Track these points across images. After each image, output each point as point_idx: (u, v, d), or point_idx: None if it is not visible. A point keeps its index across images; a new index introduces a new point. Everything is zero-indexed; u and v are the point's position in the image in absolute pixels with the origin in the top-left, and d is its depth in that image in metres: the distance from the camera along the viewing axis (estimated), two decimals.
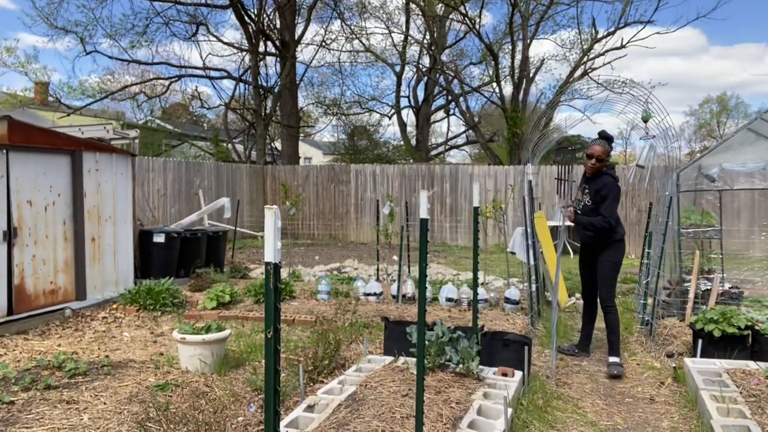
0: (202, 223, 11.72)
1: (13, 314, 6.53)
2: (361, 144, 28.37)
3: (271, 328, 1.95)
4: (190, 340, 5.05)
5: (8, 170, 6.54)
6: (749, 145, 6.86)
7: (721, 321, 5.32)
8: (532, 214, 7.24)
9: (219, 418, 3.75)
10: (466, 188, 16.26)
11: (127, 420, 4.02)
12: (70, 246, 7.40)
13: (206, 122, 33.19)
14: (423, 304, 3.14)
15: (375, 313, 7.08)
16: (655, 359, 5.74)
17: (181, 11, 20.98)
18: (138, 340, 6.20)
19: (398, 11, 26.10)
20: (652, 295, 6.58)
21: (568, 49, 23.34)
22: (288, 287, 8.14)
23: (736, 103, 47.87)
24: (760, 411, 4.01)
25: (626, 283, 10.04)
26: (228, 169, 16.53)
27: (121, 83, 23.60)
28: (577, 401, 4.72)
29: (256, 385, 4.63)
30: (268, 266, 1.99)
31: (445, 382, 4.26)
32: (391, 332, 5.19)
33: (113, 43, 20.64)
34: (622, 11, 20.68)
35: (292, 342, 6.00)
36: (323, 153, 41.29)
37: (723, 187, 7.84)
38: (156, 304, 7.31)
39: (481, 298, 7.44)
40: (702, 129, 49.05)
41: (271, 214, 1.96)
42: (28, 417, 4.06)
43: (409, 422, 3.55)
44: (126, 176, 8.32)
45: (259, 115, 20.37)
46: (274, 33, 21.40)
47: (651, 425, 4.29)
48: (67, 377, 4.85)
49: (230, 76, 22.23)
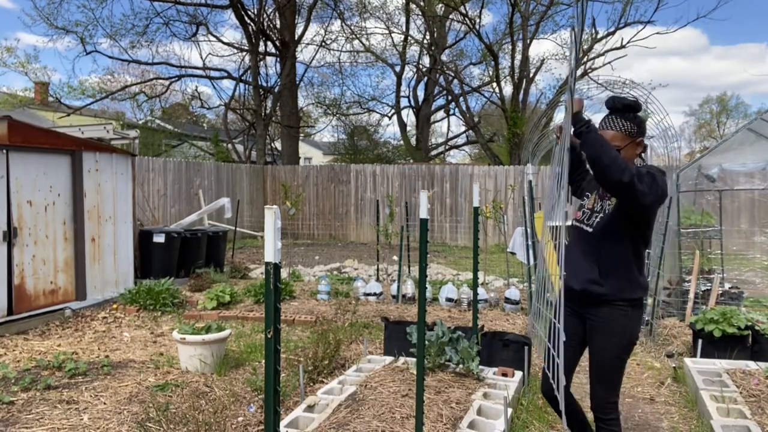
0: (202, 223, 11.72)
1: (13, 314, 6.53)
2: (361, 144, 28.38)
3: (271, 328, 1.95)
4: (190, 341, 5.05)
5: (8, 170, 6.54)
6: (749, 145, 6.87)
7: (721, 321, 5.32)
8: (532, 214, 7.25)
9: (219, 418, 3.74)
10: (466, 188, 16.26)
11: (127, 420, 4.02)
12: (70, 246, 7.40)
13: (206, 122, 33.20)
14: (423, 304, 3.14)
15: (375, 313, 7.08)
16: (655, 359, 5.74)
17: (181, 11, 21.02)
18: (138, 340, 6.20)
19: (398, 11, 26.13)
20: (652, 295, 6.58)
21: (569, 49, 23.34)
22: (288, 287, 8.14)
23: (736, 103, 47.90)
24: (760, 411, 4.01)
25: None
26: (228, 169, 16.52)
27: (121, 83, 23.61)
28: (577, 401, 4.71)
29: (256, 385, 4.63)
30: (268, 266, 1.99)
31: (445, 382, 4.26)
32: (391, 332, 5.19)
33: (113, 43, 20.68)
34: (622, 11, 20.71)
35: (292, 342, 6.00)
36: (323, 153, 41.29)
37: (723, 187, 7.84)
38: (156, 304, 7.31)
39: (481, 298, 7.44)
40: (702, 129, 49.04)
41: (271, 214, 1.96)
42: (28, 417, 4.06)
43: (409, 422, 3.55)
44: (126, 176, 8.31)
45: (259, 115, 20.37)
46: (274, 33, 21.40)
47: (651, 425, 4.29)
48: (67, 377, 4.85)
49: (230, 76, 22.24)
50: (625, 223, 2.80)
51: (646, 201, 2.63)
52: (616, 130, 2.85)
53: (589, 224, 2.92)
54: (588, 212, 2.96)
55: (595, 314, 2.88)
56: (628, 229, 2.81)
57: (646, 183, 2.62)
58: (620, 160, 2.56)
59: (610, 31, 21.39)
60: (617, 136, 2.83)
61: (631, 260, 2.83)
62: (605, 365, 2.89)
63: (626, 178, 2.54)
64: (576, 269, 2.90)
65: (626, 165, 2.57)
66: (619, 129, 2.84)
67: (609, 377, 2.91)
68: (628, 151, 2.84)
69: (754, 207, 13.62)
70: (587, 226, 2.93)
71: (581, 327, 2.97)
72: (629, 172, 2.55)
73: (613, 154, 2.55)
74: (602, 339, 2.86)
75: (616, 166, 2.53)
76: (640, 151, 2.89)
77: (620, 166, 2.54)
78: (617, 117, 2.87)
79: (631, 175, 2.55)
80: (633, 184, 2.56)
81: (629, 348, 2.88)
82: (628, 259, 2.83)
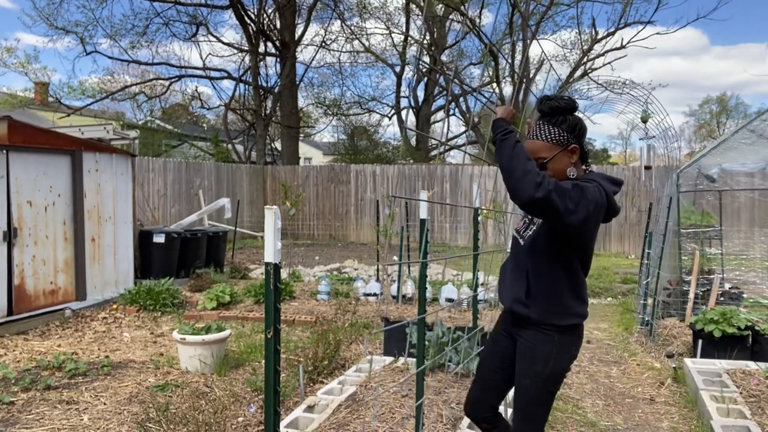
0: (202, 223, 11.72)
1: (13, 314, 6.52)
2: (361, 144, 28.38)
3: (271, 328, 1.95)
4: (190, 341, 5.05)
5: (8, 170, 6.54)
6: (749, 145, 6.86)
7: (721, 321, 5.32)
8: None
9: (219, 419, 3.74)
10: (465, 188, 16.26)
11: (127, 420, 4.03)
12: (70, 246, 7.40)
13: (206, 123, 33.20)
14: (423, 304, 3.14)
15: (375, 313, 7.08)
16: (655, 359, 5.74)
17: (181, 12, 21.03)
18: (138, 341, 6.20)
19: (398, 12, 26.12)
20: (652, 295, 6.57)
21: (569, 50, 23.37)
22: (288, 287, 8.14)
23: (736, 103, 47.92)
24: (760, 411, 4.01)
25: (626, 283, 10.04)
26: (228, 170, 16.53)
27: (121, 83, 23.61)
28: (577, 401, 4.72)
29: (256, 385, 4.63)
30: (268, 266, 1.99)
31: (445, 382, 4.26)
32: (391, 332, 5.19)
33: (113, 43, 20.69)
34: (622, 12, 20.71)
35: (292, 342, 6.00)
36: (323, 153, 41.29)
37: (723, 188, 7.84)
38: (156, 305, 7.30)
39: (480, 299, 7.44)
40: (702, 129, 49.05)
41: (271, 214, 1.96)
42: (28, 417, 4.06)
43: (409, 422, 3.55)
44: (126, 176, 8.31)
45: (259, 116, 20.38)
46: (274, 33, 21.41)
47: (651, 425, 4.29)
48: (67, 378, 4.85)
49: (230, 77, 22.25)
50: (554, 241, 2.43)
51: (571, 220, 2.23)
52: (541, 139, 2.45)
53: (523, 236, 2.57)
54: (527, 222, 2.59)
55: (521, 336, 2.54)
56: (557, 246, 2.44)
57: (572, 198, 2.23)
58: (535, 173, 2.17)
59: (610, 31, 21.40)
60: (543, 146, 2.44)
61: (562, 282, 2.47)
62: (525, 395, 2.51)
63: (540, 194, 2.13)
64: (507, 285, 2.61)
65: (543, 179, 2.17)
66: (544, 138, 2.45)
67: (529, 409, 2.52)
68: (558, 161, 2.44)
69: (754, 207, 13.61)
70: (521, 237, 2.58)
71: (510, 361, 2.60)
72: (544, 188, 2.14)
73: (527, 167, 2.18)
74: (523, 365, 2.52)
75: (528, 181, 2.15)
76: (574, 160, 2.48)
77: (533, 181, 2.15)
78: (544, 123, 2.47)
79: (547, 191, 2.15)
80: (549, 201, 2.16)
81: (554, 379, 2.50)
82: (559, 280, 2.46)
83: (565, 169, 2.46)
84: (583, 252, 2.49)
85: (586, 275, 2.55)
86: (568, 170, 2.46)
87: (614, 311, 8.06)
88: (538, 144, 2.46)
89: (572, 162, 2.48)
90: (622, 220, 14.38)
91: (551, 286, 2.47)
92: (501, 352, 2.65)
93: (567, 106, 2.46)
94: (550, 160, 2.44)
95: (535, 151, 2.45)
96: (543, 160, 2.44)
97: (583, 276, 2.53)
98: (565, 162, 2.46)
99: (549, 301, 2.47)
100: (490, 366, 2.70)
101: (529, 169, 2.17)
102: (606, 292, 9.47)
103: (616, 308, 8.22)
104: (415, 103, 26.83)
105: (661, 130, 6.43)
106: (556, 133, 2.44)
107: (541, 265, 2.48)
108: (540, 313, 2.46)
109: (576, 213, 2.23)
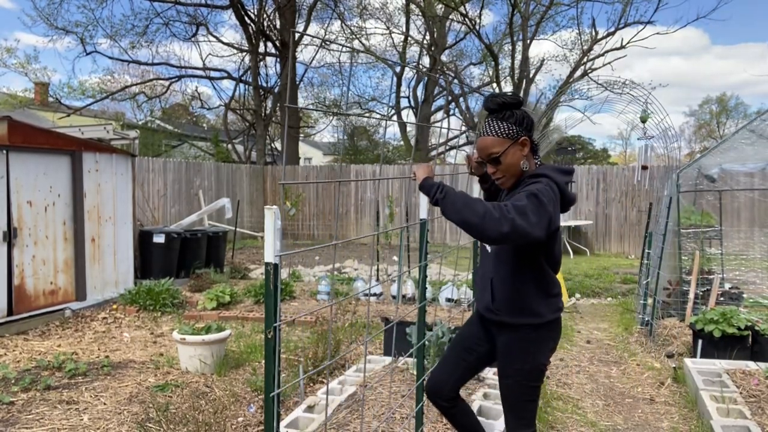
0: (202, 223, 11.72)
1: (13, 315, 6.53)
2: (361, 144, 28.39)
3: (271, 328, 1.95)
4: (190, 341, 5.05)
5: (8, 170, 6.54)
6: (749, 145, 6.86)
7: (721, 321, 5.32)
8: None
9: (219, 419, 3.75)
10: (465, 189, 16.23)
11: (127, 420, 4.03)
12: (70, 246, 7.40)
13: (206, 123, 33.19)
14: (423, 304, 3.14)
15: (375, 313, 7.08)
16: (655, 359, 5.74)
17: (181, 12, 21.02)
18: (138, 341, 6.20)
19: (398, 12, 26.12)
20: (652, 295, 6.57)
21: (569, 50, 23.37)
22: (288, 288, 8.14)
23: (735, 103, 47.90)
24: (760, 411, 4.01)
25: (626, 283, 10.04)
26: (228, 170, 16.52)
27: (121, 84, 23.61)
28: (577, 401, 4.72)
29: (256, 385, 4.63)
30: (268, 266, 1.99)
31: None
32: (390, 332, 5.19)
33: (113, 43, 20.67)
34: (622, 12, 20.69)
35: (292, 342, 6.00)
36: (323, 153, 41.31)
37: (723, 188, 7.84)
38: (156, 305, 7.31)
39: None
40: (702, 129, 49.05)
41: (271, 214, 1.96)
42: (28, 417, 4.06)
43: (409, 422, 3.55)
44: (126, 176, 8.32)
45: (259, 116, 20.38)
46: (274, 33, 21.41)
47: (651, 425, 4.29)
48: (67, 378, 4.85)
49: (230, 77, 22.24)
50: (518, 249, 2.48)
51: (537, 232, 2.18)
52: (492, 134, 2.49)
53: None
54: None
55: (498, 337, 2.62)
56: (522, 253, 2.48)
57: (532, 211, 2.18)
58: (490, 211, 2.14)
59: (610, 31, 21.37)
60: (494, 141, 2.48)
61: (528, 285, 2.50)
62: (510, 394, 2.59)
63: (506, 228, 2.11)
64: (479, 291, 2.67)
65: (501, 212, 2.14)
66: (494, 133, 2.49)
67: (517, 406, 2.59)
68: (511, 155, 2.48)
69: (754, 207, 13.62)
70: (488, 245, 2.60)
71: (486, 344, 2.71)
72: (507, 219, 2.12)
73: (480, 209, 2.15)
74: (504, 365, 2.59)
75: (489, 221, 2.12)
76: (526, 152, 2.51)
77: (493, 218, 2.12)
78: (492, 119, 2.52)
79: (510, 220, 2.12)
80: (517, 228, 2.13)
81: (535, 375, 2.57)
82: (525, 285, 2.50)
83: (519, 163, 2.51)
84: (548, 251, 2.51)
85: (556, 272, 2.57)
86: (521, 163, 2.51)
87: (614, 311, 8.06)
88: (489, 140, 2.51)
89: (524, 155, 2.52)
90: (622, 220, 14.38)
91: (517, 292, 2.51)
92: (476, 334, 2.75)
93: (513, 101, 2.52)
94: (503, 154, 2.49)
95: (487, 147, 2.51)
96: (496, 155, 2.49)
97: (552, 273, 2.55)
98: (518, 156, 2.50)
99: (517, 306, 2.52)
100: (462, 347, 2.78)
101: (484, 211, 2.15)
102: (606, 292, 9.47)
103: (616, 308, 8.22)
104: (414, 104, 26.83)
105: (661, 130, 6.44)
106: (506, 128, 2.49)
107: (506, 273, 2.52)
108: (511, 318, 2.53)
109: (540, 223, 2.20)
